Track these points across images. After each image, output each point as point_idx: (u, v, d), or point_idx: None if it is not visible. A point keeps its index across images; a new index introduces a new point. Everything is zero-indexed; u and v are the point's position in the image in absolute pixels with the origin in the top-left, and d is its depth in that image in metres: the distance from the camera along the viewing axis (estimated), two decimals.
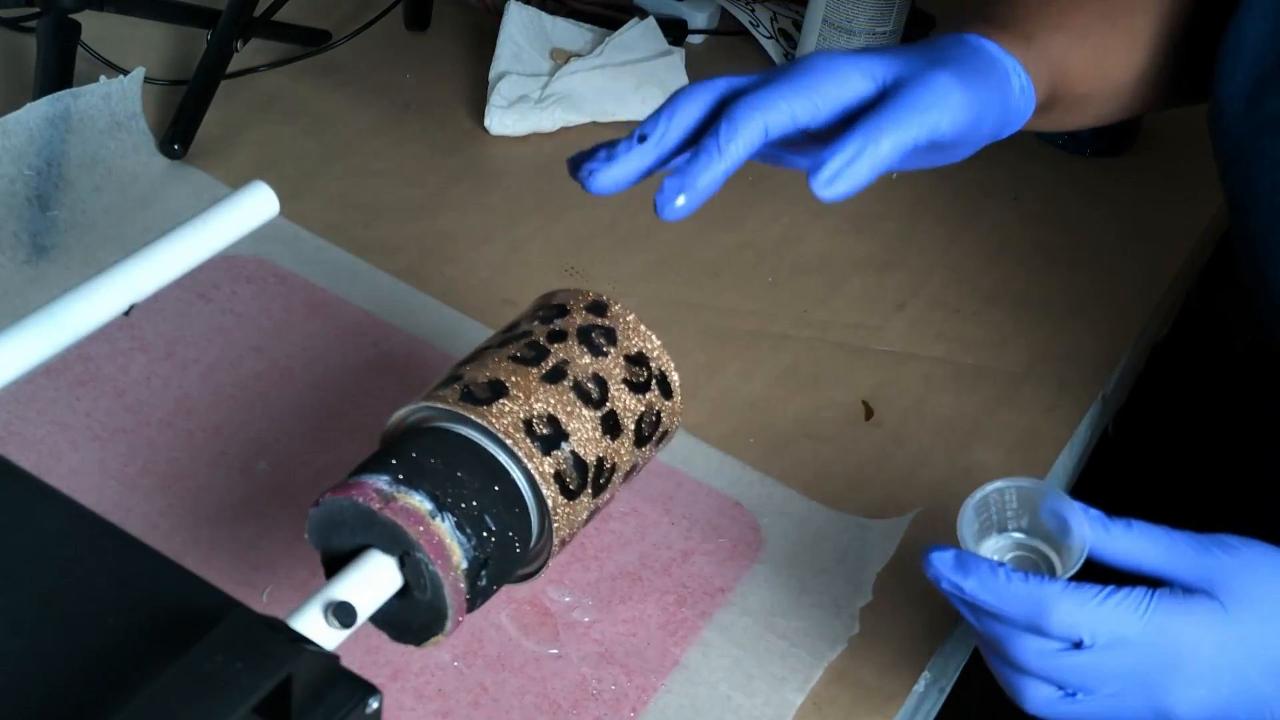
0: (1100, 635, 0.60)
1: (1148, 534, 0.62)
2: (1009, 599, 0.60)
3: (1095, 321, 1.01)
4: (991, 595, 0.60)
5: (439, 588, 0.56)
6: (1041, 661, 0.61)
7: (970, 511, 0.65)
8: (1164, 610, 0.60)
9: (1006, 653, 0.62)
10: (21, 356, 0.52)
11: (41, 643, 0.44)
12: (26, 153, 0.92)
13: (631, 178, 0.63)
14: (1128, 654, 0.60)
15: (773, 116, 0.62)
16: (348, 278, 0.94)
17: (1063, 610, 0.59)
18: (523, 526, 0.60)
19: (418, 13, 1.18)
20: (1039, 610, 0.60)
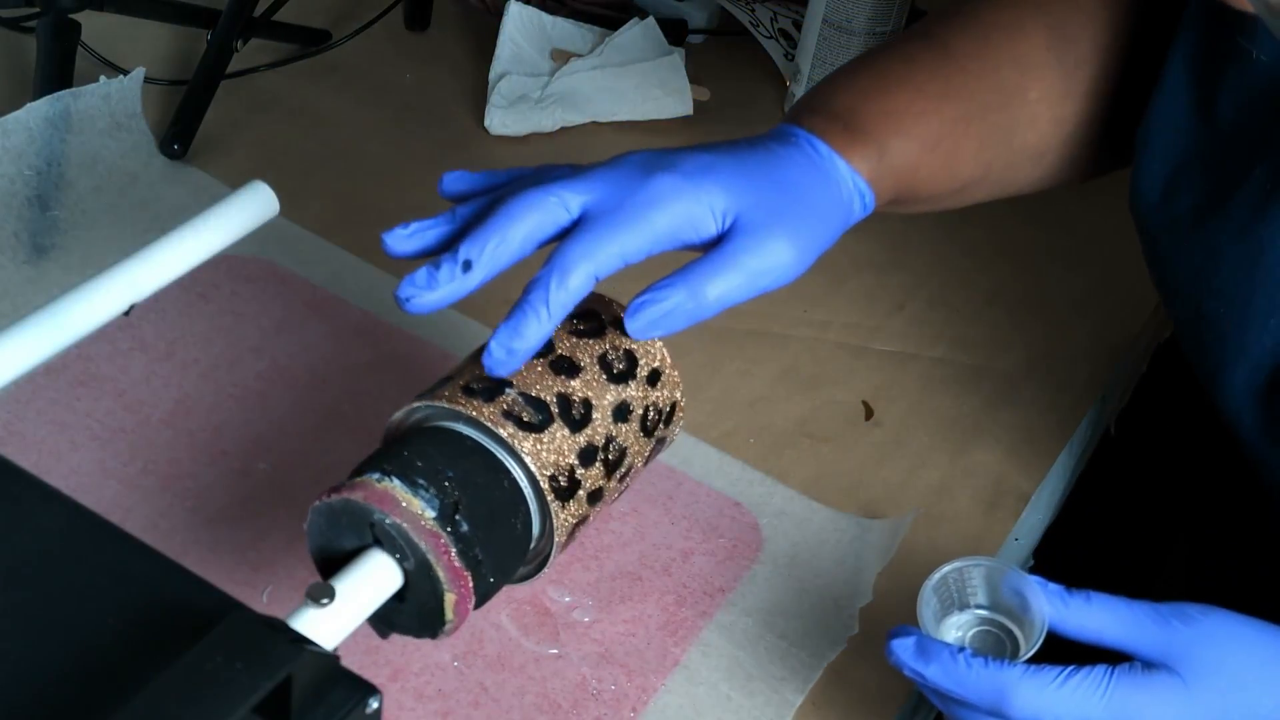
0: (1062, 718, 0.60)
1: (1107, 607, 0.62)
2: (970, 685, 0.60)
3: (1095, 321, 1.01)
4: (953, 682, 0.61)
5: (438, 587, 0.56)
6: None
7: (929, 592, 0.66)
8: (1124, 688, 0.60)
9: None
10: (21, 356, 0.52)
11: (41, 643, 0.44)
12: (26, 153, 0.92)
13: (451, 301, 0.62)
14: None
15: (603, 263, 0.61)
16: (348, 278, 0.94)
17: (1023, 695, 0.60)
18: (523, 526, 0.60)
19: (418, 13, 1.18)
20: (1000, 696, 0.60)
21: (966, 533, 0.85)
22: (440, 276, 0.61)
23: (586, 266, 0.60)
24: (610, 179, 0.62)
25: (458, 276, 0.60)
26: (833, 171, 0.67)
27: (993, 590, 0.66)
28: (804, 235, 0.64)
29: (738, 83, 1.17)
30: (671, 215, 0.62)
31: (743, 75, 1.18)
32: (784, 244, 0.63)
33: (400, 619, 0.58)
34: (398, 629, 0.59)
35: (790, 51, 1.18)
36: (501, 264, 0.61)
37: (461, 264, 0.60)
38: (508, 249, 0.61)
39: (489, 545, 0.58)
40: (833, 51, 1.10)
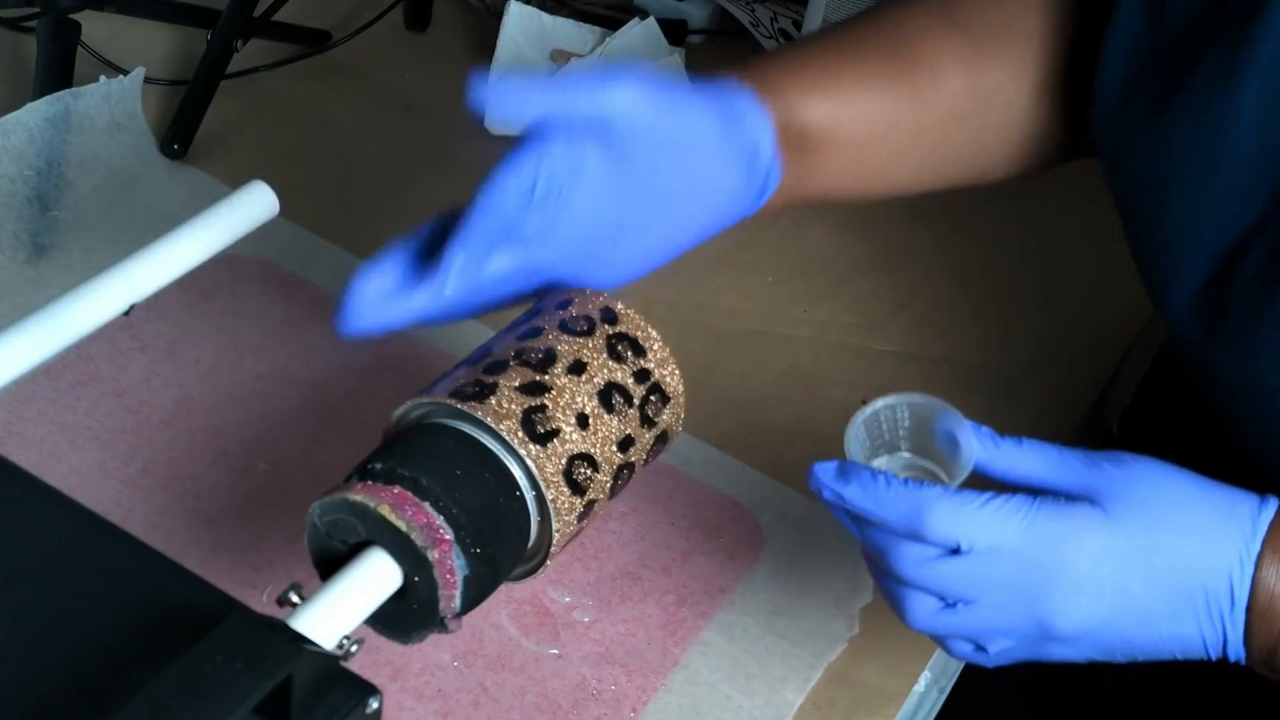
0: (979, 540, 0.58)
1: (1037, 449, 0.61)
2: (887, 504, 0.59)
3: (1095, 321, 1.01)
4: (870, 501, 0.60)
5: (436, 587, 0.56)
6: (920, 570, 0.59)
7: (860, 426, 0.65)
8: (1045, 516, 0.59)
9: (888, 563, 0.60)
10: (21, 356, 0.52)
11: (41, 643, 0.44)
12: (26, 153, 0.92)
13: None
14: (1007, 560, 0.58)
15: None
16: (348, 278, 0.93)
17: (940, 514, 0.58)
18: (522, 523, 0.60)
19: (418, 13, 1.18)
20: (916, 514, 0.58)
21: None
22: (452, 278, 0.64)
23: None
24: None
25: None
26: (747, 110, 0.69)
27: (924, 432, 0.65)
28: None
29: None
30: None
31: None
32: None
33: (399, 618, 0.58)
34: (396, 629, 0.59)
35: None
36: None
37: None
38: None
39: (488, 543, 0.58)
40: None
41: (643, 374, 0.65)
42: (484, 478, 0.59)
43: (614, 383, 0.64)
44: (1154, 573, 0.59)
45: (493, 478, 0.59)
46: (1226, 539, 0.59)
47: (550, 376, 0.62)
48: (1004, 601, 0.59)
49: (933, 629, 0.61)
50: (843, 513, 0.62)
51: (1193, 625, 0.59)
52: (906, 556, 0.59)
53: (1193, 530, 0.59)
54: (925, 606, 0.60)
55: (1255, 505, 0.60)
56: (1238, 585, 0.59)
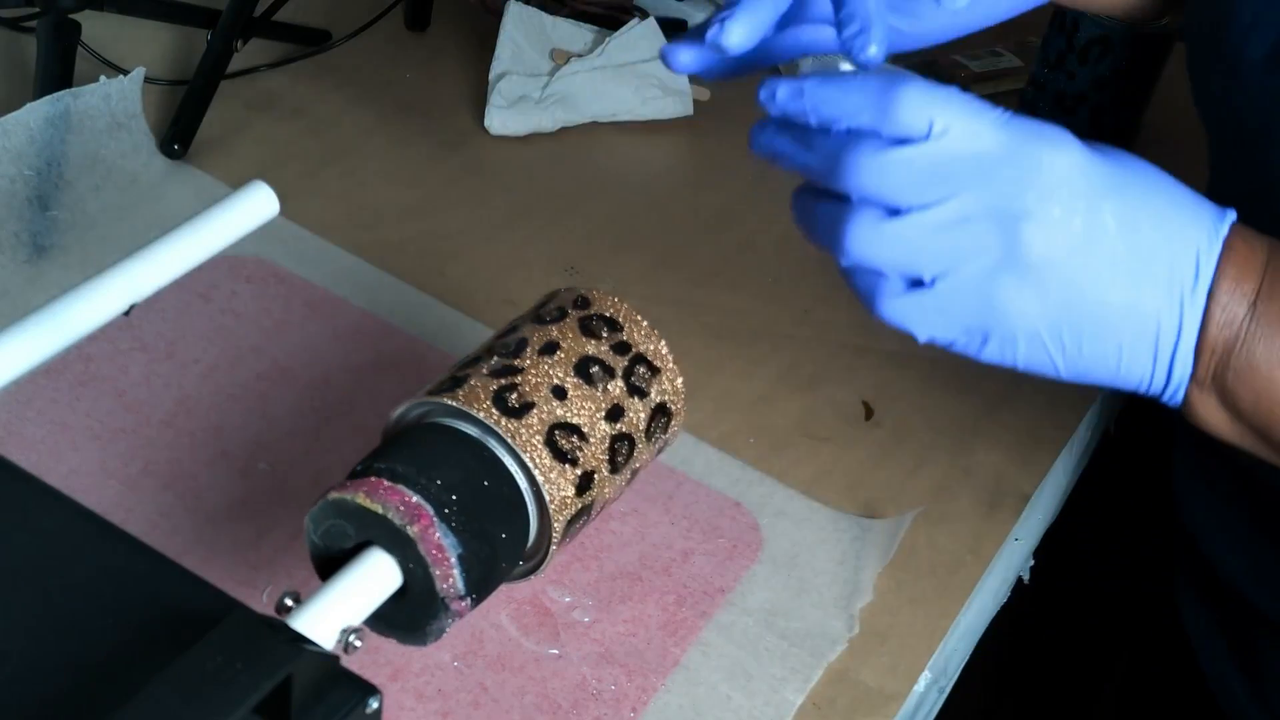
0: (954, 123, 0.52)
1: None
2: (852, 87, 0.53)
3: None
4: (834, 88, 0.53)
5: (427, 565, 0.56)
6: (881, 163, 0.53)
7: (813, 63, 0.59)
8: (1024, 119, 0.53)
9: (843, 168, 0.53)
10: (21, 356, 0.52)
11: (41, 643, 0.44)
12: (26, 153, 0.92)
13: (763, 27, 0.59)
14: (981, 149, 0.53)
15: None
16: (348, 278, 0.94)
17: (915, 88, 0.52)
18: (521, 523, 0.60)
19: (418, 13, 1.18)
20: (886, 91, 0.53)
21: (966, 533, 0.85)
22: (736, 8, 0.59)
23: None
24: None
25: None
26: None
27: None
28: None
29: (738, 83, 1.17)
30: None
31: None
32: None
33: (399, 618, 0.58)
34: (395, 630, 0.59)
35: None
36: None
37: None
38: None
39: (475, 517, 0.58)
40: None
41: (622, 346, 0.65)
42: (483, 477, 0.59)
43: (589, 356, 0.64)
44: (1128, 211, 0.54)
45: (492, 477, 0.60)
46: (1197, 216, 0.55)
47: (521, 360, 0.63)
48: (968, 206, 0.53)
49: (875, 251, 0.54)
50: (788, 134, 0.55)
51: (1152, 295, 0.54)
52: (863, 151, 0.53)
53: (1166, 195, 0.55)
54: (869, 221, 0.54)
55: (1218, 210, 0.56)
56: (1204, 261, 0.54)
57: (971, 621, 0.82)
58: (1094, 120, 1.14)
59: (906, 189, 0.53)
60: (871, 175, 0.53)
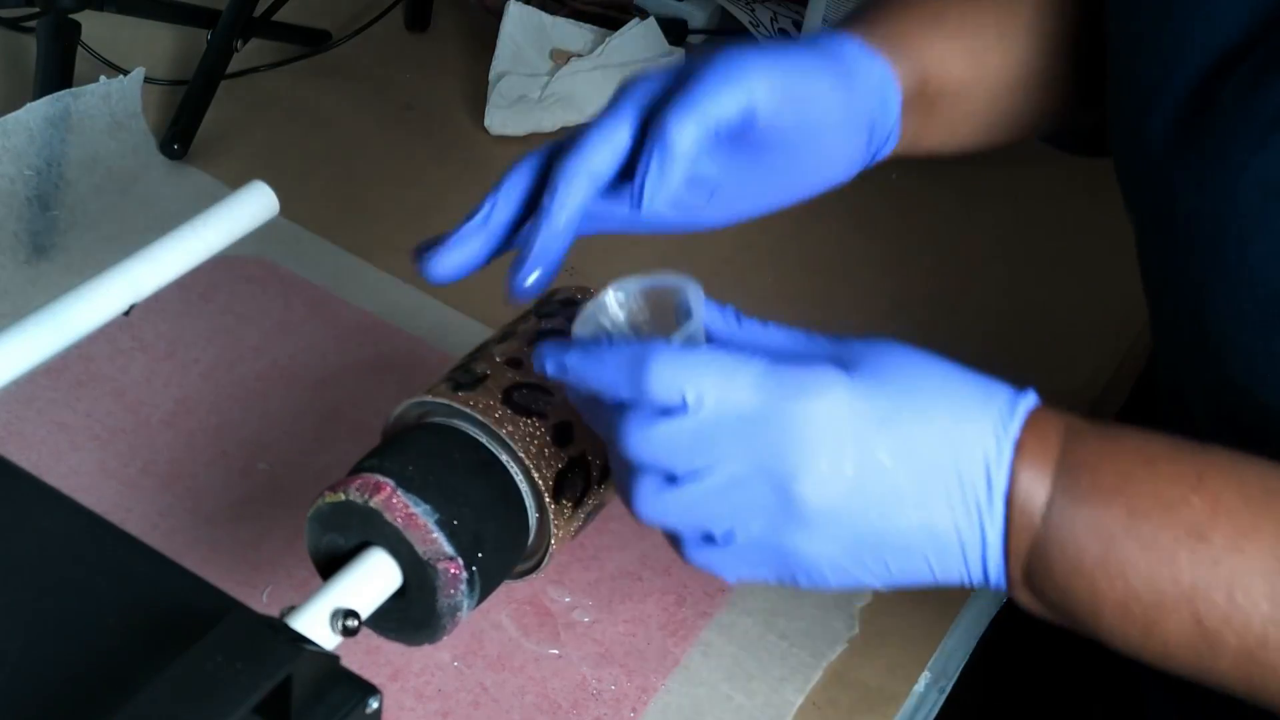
0: (707, 391, 0.52)
1: (785, 331, 0.56)
2: (608, 364, 0.53)
3: (1095, 321, 1.01)
4: (592, 364, 0.53)
5: (436, 587, 0.56)
6: (643, 436, 0.52)
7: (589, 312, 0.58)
8: (783, 371, 0.52)
9: (613, 441, 0.54)
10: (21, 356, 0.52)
11: (41, 643, 0.44)
12: (26, 153, 0.92)
13: (471, 262, 0.61)
14: (739, 416, 0.52)
15: (595, 159, 0.60)
16: (348, 278, 0.94)
17: (663, 363, 0.52)
18: (521, 522, 0.60)
19: (418, 13, 1.18)
20: (637, 367, 0.52)
21: None
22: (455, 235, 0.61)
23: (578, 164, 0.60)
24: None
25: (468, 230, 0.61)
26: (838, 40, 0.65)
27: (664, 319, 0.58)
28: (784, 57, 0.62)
29: None
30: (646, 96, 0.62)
31: None
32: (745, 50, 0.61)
33: (399, 617, 0.58)
34: (395, 629, 0.59)
35: None
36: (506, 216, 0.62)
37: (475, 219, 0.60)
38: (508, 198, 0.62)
39: (487, 542, 0.58)
40: None
41: None
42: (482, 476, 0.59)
43: (544, 330, 0.64)
44: (902, 441, 0.52)
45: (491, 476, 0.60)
46: (983, 418, 0.53)
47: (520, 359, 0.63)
48: (738, 471, 0.52)
49: (662, 516, 0.54)
50: (572, 393, 0.56)
51: (947, 513, 0.53)
52: (629, 425, 0.53)
53: (945, 404, 0.53)
54: (650, 486, 0.54)
55: (1012, 393, 0.55)
56: (994, 469, 0.53)
57: (971, 621, 0.82)
58: None
59: (675, 459, 0.53)
60: (640, 447, 0.53)
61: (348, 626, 0.53)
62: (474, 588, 0.58)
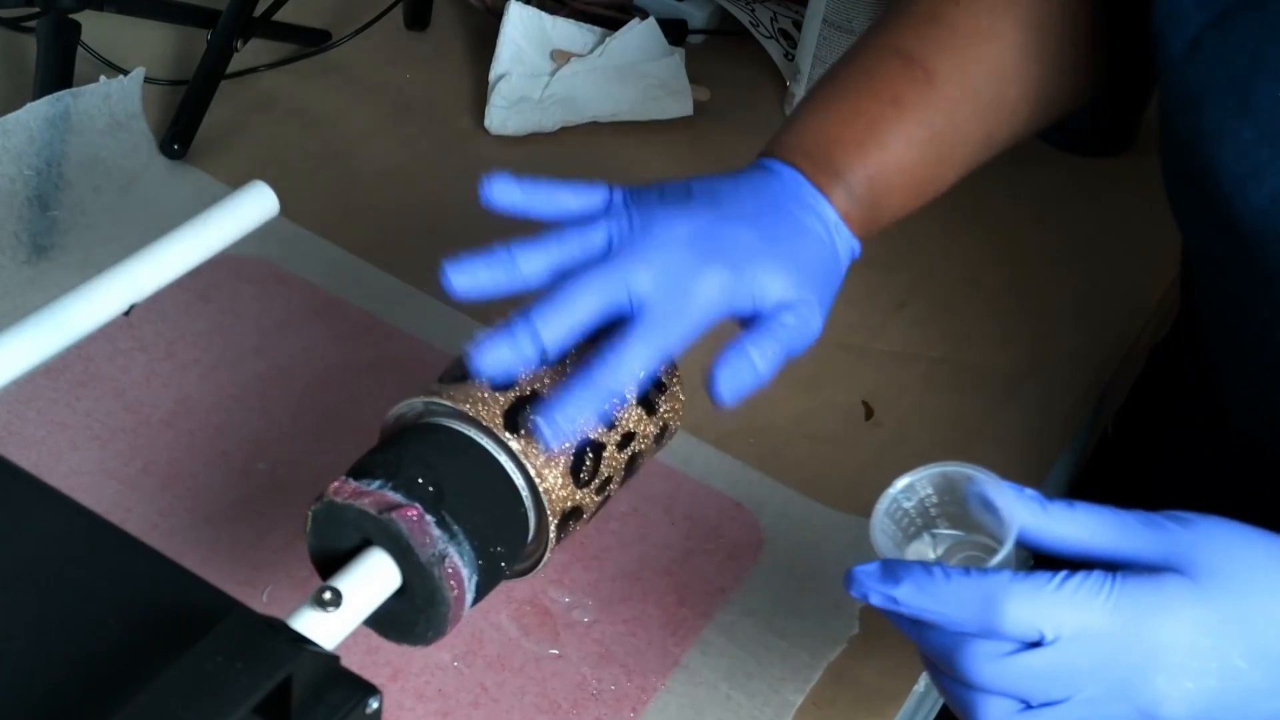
0: (1064, 627, 0.52)
1: (1093, 514, 0.55)
2: (950, 600, 0.52)
3: (1095, 321, 1.01)
4: (930, 599, 0.53)
5: (441, 597, 0.56)
6: (997, 670, 0.52)
7: (882, 518, 0.58)
8: (1132, 591, 0.52)
9: (956, 667, 0.53)
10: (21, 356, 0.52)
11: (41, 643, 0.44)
12: (26, 153, 0.92)
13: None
14: (1098, 647, 0.52)
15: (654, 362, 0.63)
16: (348, 278, 0.94)
17: (1016, 602, 0.52)
18: (518, 523, 0.60)
19: (418, 13, 1.18)
20: (988, 606, 0.52)
21: None
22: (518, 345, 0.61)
23: (641, 364, 0.62)
24: (666, 265, 0.64)
25: (533, 350, 0.61)
26: (837, 233, 0.70)
27: (955, 501, 0.58)
28: (825, 302, 0.68)
29: (738, 83, 1.17)
30: (720, 309, 0.65)
31: (743, 75, 1.18)
32: (815, 315, 0.67)
33: (398, 618, 0.58)
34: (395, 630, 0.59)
35: (790, 51, 1.18)
36: (570, 340, 0.62)
37: (532, 336, 0.61)
38: (574, 325, 0.62)
39: (485, 541, 0.58)
40: (833, 51, 1.10)
41: None
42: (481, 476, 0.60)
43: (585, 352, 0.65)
44: (1255, 643, 0.53)
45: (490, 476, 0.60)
46: None
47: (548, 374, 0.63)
48: (1098, 696, 0.53)
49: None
50: (895, 616, 0.55)
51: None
52: (979, 656, 0.53)
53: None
54: (1002, 711, 0.53)
55: None
56: None
57: None
58: (1094, 120, 1.14)
59: (1032, 690, 0.53)
60: (993, 679, 0.53)
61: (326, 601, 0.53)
62: (473, 587, 0.58)
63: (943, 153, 0.73)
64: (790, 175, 0.70)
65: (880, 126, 0.71)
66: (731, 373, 0.64)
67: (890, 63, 0.72)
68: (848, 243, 0.70)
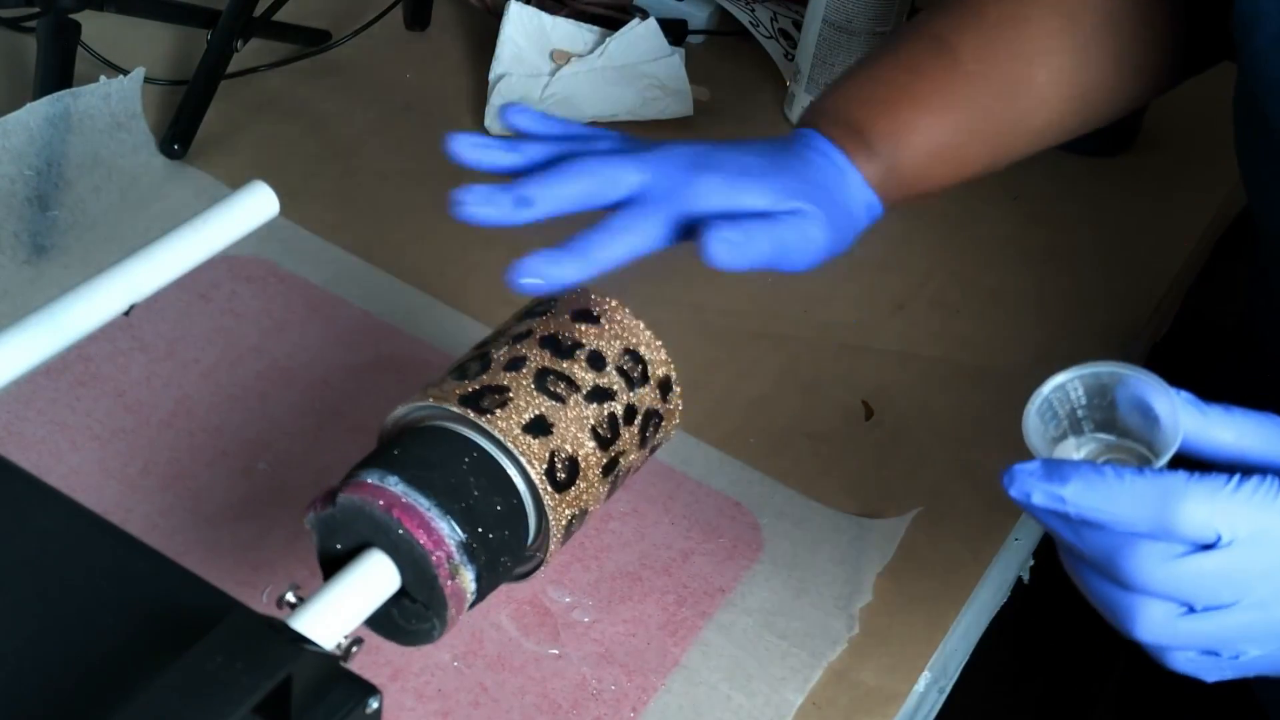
0: (1240, 529, 0.50)
1: (1250, 419, 0.53)
2: (1123, 500, 0.51)
3: (1095, 321, 1.01)
4: (1102, 499, 0.51)
5: (438, 592, 0.56)
6: (1167, 571, 0.51)
7: (1034, 418, 0.56)
8: None
9: (1119, 568, 0.52)
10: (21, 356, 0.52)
11: (41, 643, 0.44)
12: (26, 153, 0.92)
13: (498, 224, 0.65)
14: (1273, 549, 0.51)
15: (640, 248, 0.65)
16: (348, 278, 0.94)
17: (1194, 503, 0.50)
18: (519, 525, 0.60)
19: (418, 13, 1.18)
20: (1164, 506, 0.50)
21: (966, 533, 0.85)
22: (499, 200, 0.64)
23: (629, 243, 0.64)
24: (661, 168, 0.66)
25: (514, 207, 0.63)
26: (851, 179, 0.71)
27: (1107, 406, 0.56)
28: (831, 226, 0.68)
29: (738, 83, 1.17)
30: (715, 207, 0.66)
31: (743, 75, 1.18)
32: (817, 228, 0.68)
33: (399, 618, 0.58)
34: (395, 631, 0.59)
35: (790, 51, 1.18)
36: (553, 212, 0.64)
37: (519, 198, 0.63)
38: (562, 201, 0.64)
39: (486, 543, 0.58)
40: (833, 51, 1.10)
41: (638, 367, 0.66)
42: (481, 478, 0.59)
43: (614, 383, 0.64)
44: None
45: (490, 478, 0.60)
46: None
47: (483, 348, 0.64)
48: (1267, 598, 0.52)
49: (1169, 640, 0.53)
50: (1052, 516, 0.53)
51: None
52: (1149, 557, 0.51)
53: None
54: (1161, 614, 0.52)
55: None
56: None
57: (971, 621, 0.82)
58: None
59: (1201, 593, 0.52)
60: (1161, 582, 0.52)
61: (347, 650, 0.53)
62: (473, 588, 0.58)
63: (973, 127, 0.74)
64: (804, 132, 0.71)
65: (902, 96, 0.72)
66: (721, 237, 0.65)
67: (921, 44, 0.74)
68: (863, 191, 0.71)
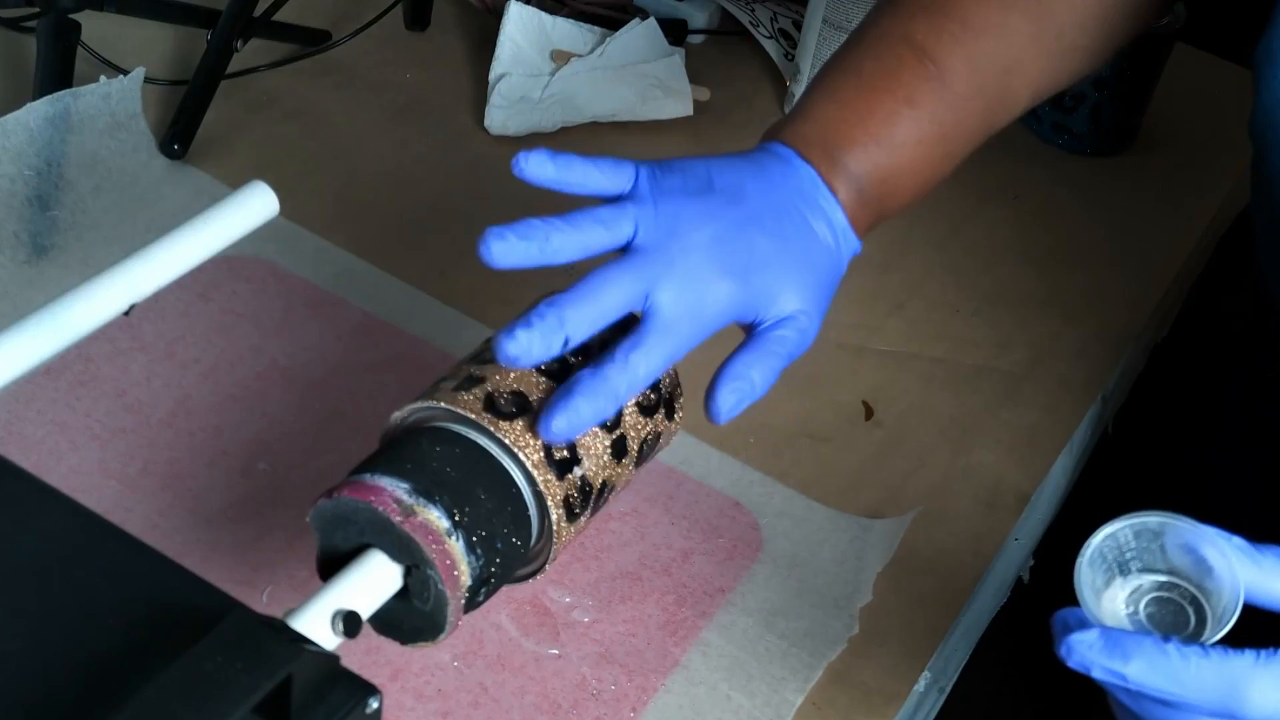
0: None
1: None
2: (1189, 683, 0.50)
3: (1095, 321, 1.01)
4: (1166, 680, 0.50)
5: (442, 601, 0.56)
6: None
7: (1085, 569, 0.56)
8: None
9: None
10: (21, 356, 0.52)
11: (41, 643, 0.44)
12: (26, 153, 0.92)
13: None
14: None
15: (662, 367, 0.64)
16: (348, 278, 0.94)
17: (1261, 690, 0.50)
18: (522, 526, 0.60)
19: (418, 13, 1.18)
20: (1232, 691, 0.50)
21: (966, 533, 0.85)
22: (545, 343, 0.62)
23: (652, 365, 0.63)
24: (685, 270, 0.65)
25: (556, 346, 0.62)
26: (842, 245, 0.70)
27: (1155, 547, 0.56)
28: (823, 309, 0.69)
29: (738, 83, 1.17)
30: (728, 318, 0.67)
31: (743, 75, 1.18)
32: (814, 324, 0.68)
33: (398, 619, 0.58)
34: (395, 632, 0.59)
35: (790, 51, 1.18)
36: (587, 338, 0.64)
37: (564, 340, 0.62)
38: (595, 326, 0.64)
39: (487, 545, 0.58)
40: (832, 51, 1.10)
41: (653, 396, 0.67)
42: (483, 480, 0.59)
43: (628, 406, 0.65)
44: None
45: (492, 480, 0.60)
46: None
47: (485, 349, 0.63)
48: None
49: None
50: (1117, 689, 0.52)
51: None
52: None
53: None
54: None
55: None
56: None
57: (971, 621, 0.82)
58: (1094, 120, 1.14)
59: None
60: None
61: (348, 627, 0.53)
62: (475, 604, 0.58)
63: (950, 150, 0.73)
64: (806, 172, 0.70)
65: (894, 125, 0.71)
66: (730, 390, 0.66)
67: (904, 56, 0.72)
68: (851, 245, 0.71)
